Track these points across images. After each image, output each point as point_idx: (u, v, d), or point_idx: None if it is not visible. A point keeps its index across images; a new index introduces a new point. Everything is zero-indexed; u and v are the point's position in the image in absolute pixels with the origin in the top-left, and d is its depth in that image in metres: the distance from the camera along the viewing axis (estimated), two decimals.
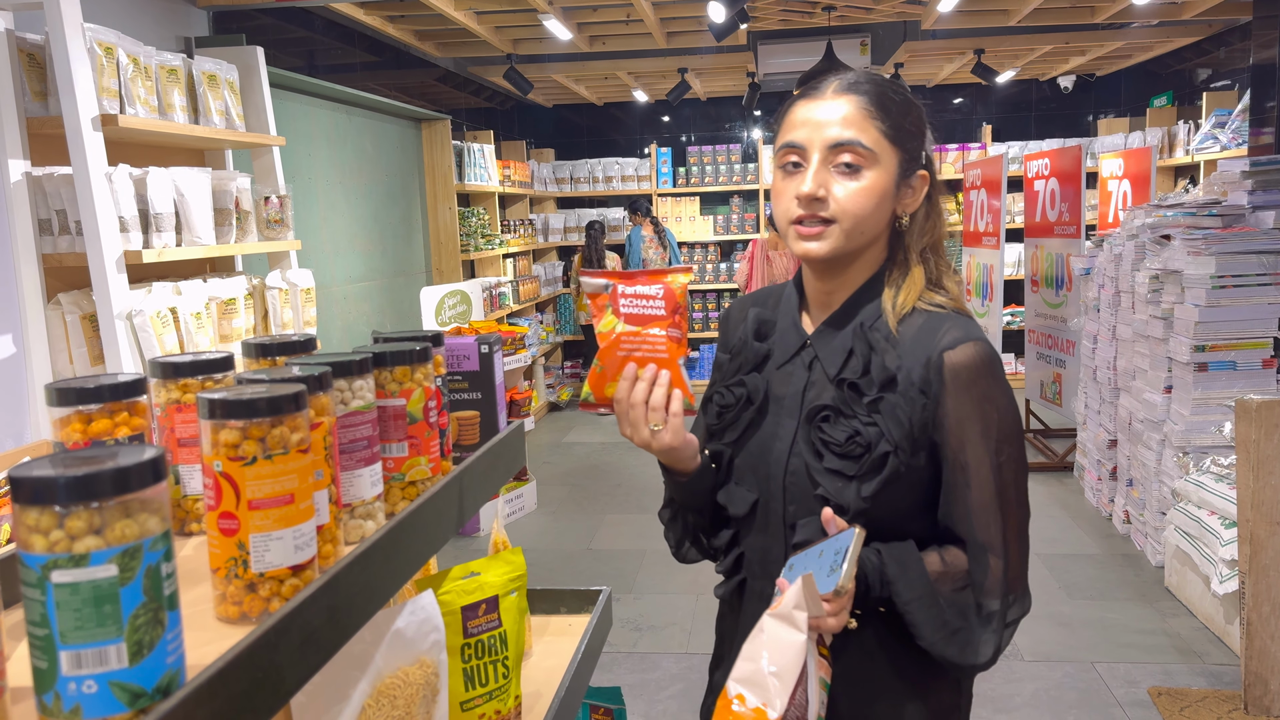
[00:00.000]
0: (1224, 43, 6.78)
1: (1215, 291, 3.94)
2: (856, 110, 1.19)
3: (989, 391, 1.18)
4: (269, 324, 3.58)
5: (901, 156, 1.22)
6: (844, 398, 1.20)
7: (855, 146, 1.18)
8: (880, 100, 1.20)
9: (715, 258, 8.94)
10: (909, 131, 1.23)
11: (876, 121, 1.19)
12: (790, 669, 1.05)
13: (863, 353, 1.21)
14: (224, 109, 3.48)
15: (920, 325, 1.22)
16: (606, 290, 1.22)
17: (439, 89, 6.97)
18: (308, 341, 1.22)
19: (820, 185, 1.19)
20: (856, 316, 1.25)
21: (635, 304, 1.20)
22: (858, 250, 1.24)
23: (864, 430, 1.18)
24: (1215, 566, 3.46)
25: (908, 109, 1.23)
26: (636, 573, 4.52)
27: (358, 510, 1.08)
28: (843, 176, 1.19)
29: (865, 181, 1.19)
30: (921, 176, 1.25)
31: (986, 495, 1.17)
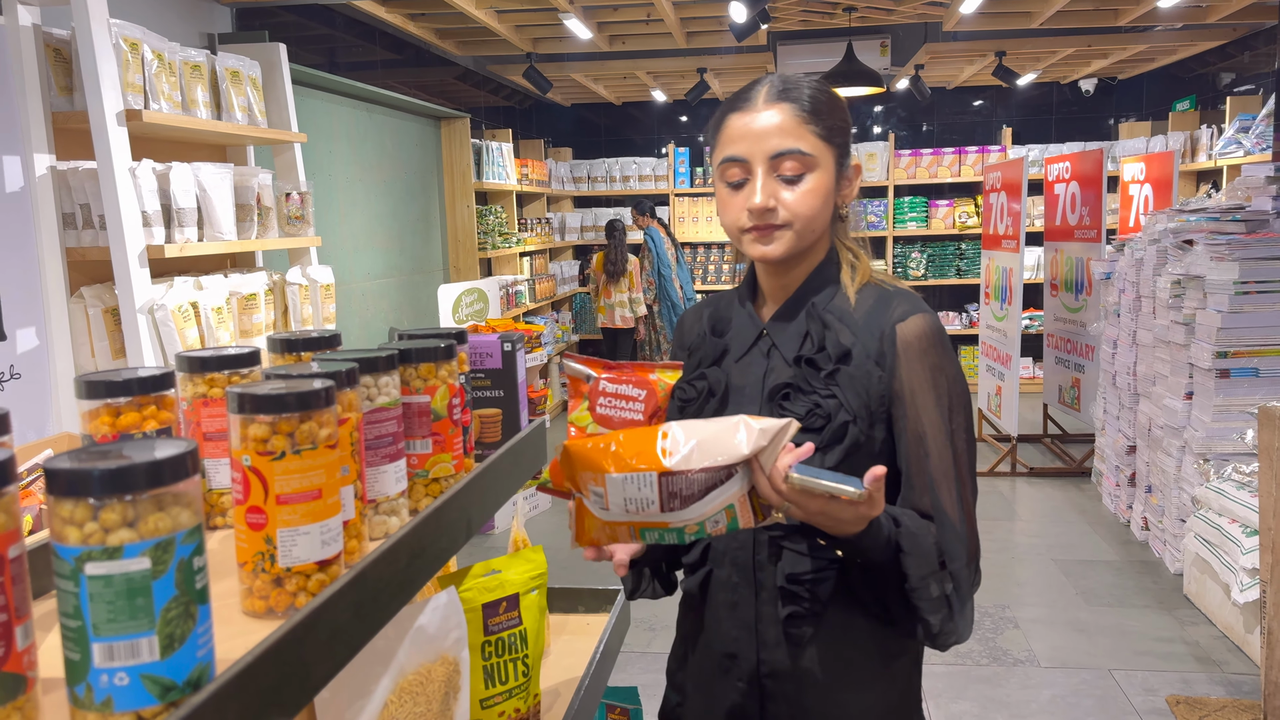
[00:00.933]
0: (1248, 46, 6.72)
1: (1238, 297, 3.91)
2: (791, 118, 1.24)
3: (939, 361, 1.23)
4: (289, 320, 3.59)
5: (836, 153, 1.28)
6: (803, 374, 1.24)
7: (796, 154, 1.23)
8: (812, 104, 1.25)
9: (731, 258, 8.92)
10: (839, 128, 1.28)
11: (811, 126, 1.24)
12: (713, 454, 1.02)
13: (817, 332, 1.26)
14: (246, 105, 3.50)
15: (872, 302, 1.28)
16: (588, 381, 1.21)
17: (458, 87, 6.99)
18: (332, 337, 1.23)
19: (769, 196, 1.24)
20: (808, 301, 1.29)
21: (613, 405, 1.19)
22: (811, 244, 1.30)
23: (824, 403, 1.21)
24: (1236, 575, 3.43)
25: (835, 107, 1.28)
26: None
27: (382, 506, 1.08)
28: (788, 184, 1.24)
29: (809, 185, 1.24)
30: (855, 167, 1.33)
31: (945, 463, 1.21)
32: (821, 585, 1.23)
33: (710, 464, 1.01)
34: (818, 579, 1.23)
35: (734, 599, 1.29)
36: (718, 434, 1.03)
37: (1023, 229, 5.96)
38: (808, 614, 1.23)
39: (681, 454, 1.02)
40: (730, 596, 1.29)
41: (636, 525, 1.08)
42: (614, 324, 7.50)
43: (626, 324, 7.56)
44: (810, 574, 1.23)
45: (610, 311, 7.48)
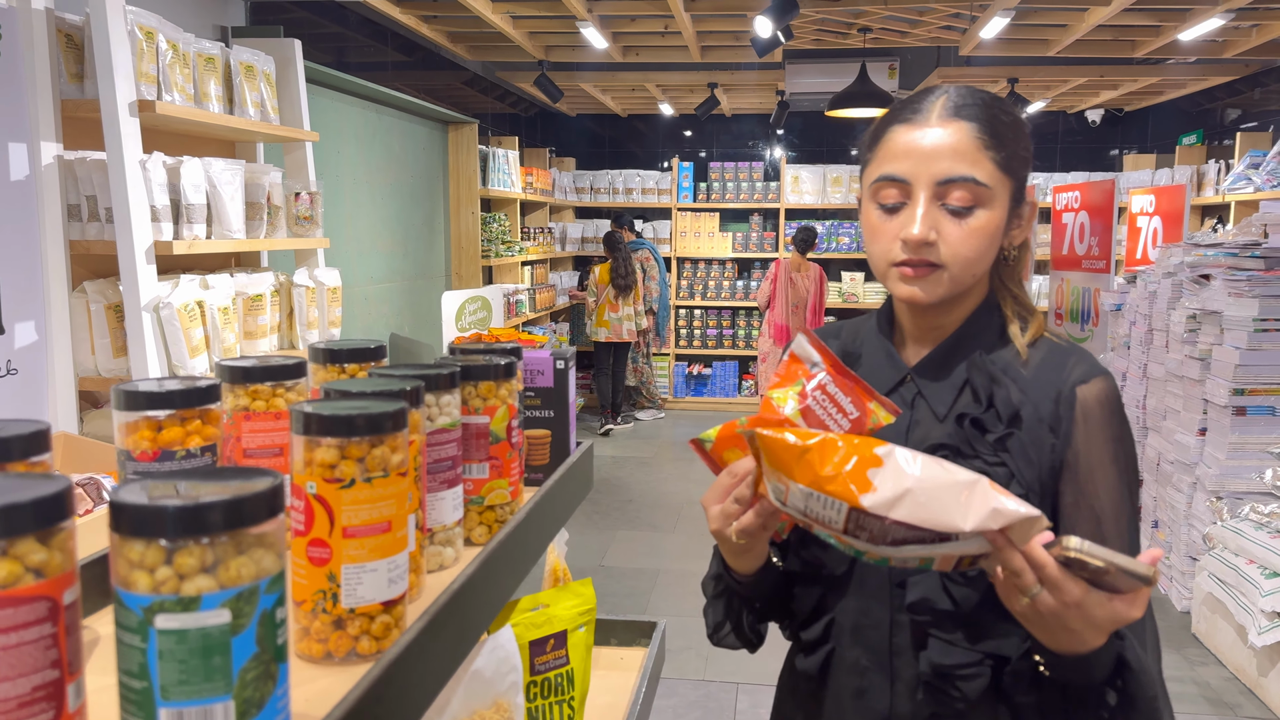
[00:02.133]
0: (1259, 83, 6.72)
1: (1257, 334, 3.86)
2: (969, 140, 1.06)
3: (1121, 432, 1.08)
4: (294, 322, 3.50)
5: (1014, 187, 1.10)
6: (964, 435, 1.06)
7: (969, 183, 1.05)
8: (993, 126, 1.07)
9: (732, 275, 8.86)
10: (1021, 158, 1.10)
11: (990, 151, 1.06)
12: (923, 514, 0.83)
13: (983, 386, 1.08)
14: (259, 101, 3.41)
15: (1043, 358, 1.11)
16: (811, 369, 1.02)
17: (465, 92, 6.91)
18: (378, 349, 1.14)
19: (931, 228, 1.06)
20: (967, 348, 1.12)
21: (823, 407, 1.01)
22: (969, 289, 1.13)
23: (991, 471, 1.02)
24: (1254, 617, 3.36)
25: (1019, 132, 1.10)
26: (650, 592, 4.42)
27: (438, 536, 1.00)
28: (954, 217, 1.06)
29: (978, 221, 1.06)
30: (1031, 205, 1.14)
31: (1125, 547, 1.04)
32: (973, 682, 1.04)
33: (916, 522, 0.84)
34: (970, 675, 1.04)
35: (862, 685, 1.11)
36: (940, 490, 0.83)
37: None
38: (952, 715, 1.06)
39: (886, 497, 0.83)
40: (858, 683, 1.12)
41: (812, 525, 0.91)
42: (620, 338, 7.44)
43: (632, 338, 7.50)
44: (963, 668, 1.04)
45: (617, 325, 7.41)
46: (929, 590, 1.07)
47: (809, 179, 8.64)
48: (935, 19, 5.63)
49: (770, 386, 1.03)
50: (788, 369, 1.03)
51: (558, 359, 1.31)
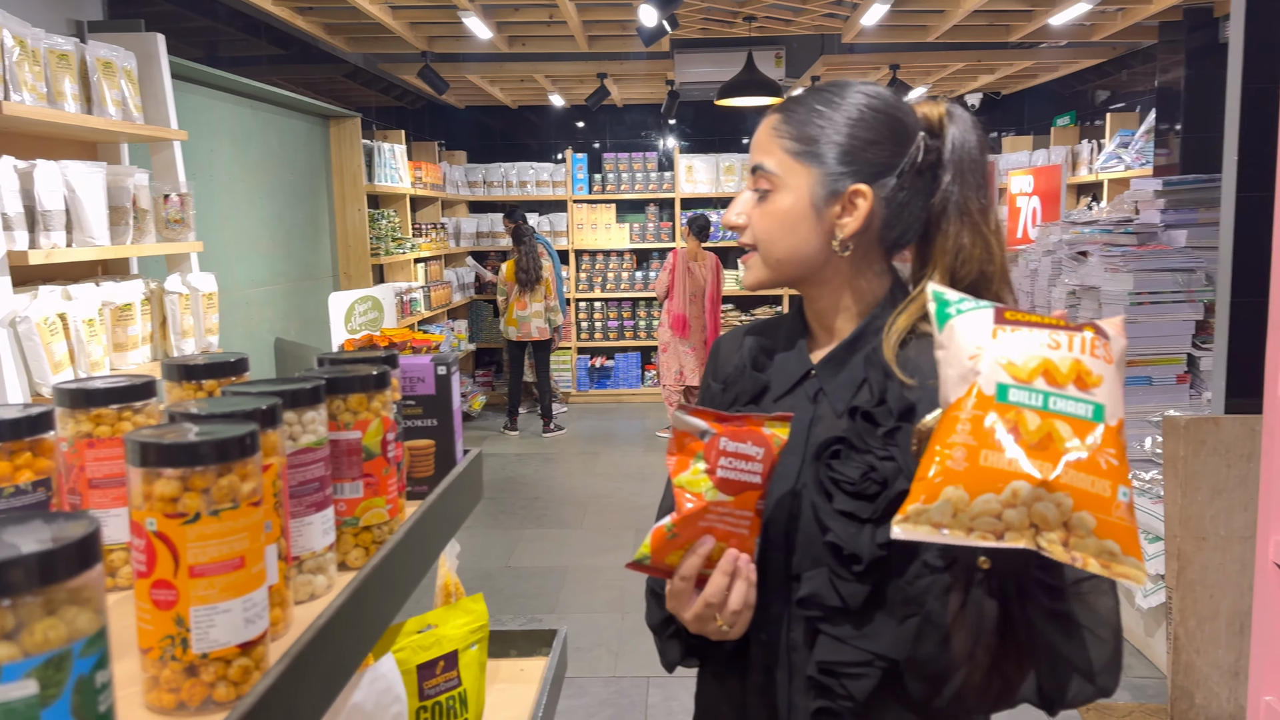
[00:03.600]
0: (1126, 65, 7.00)
1: (1133, 308, 4.01)
2: (767, 130, 1.13)
3: None
4: (167, 332, 3.32)
5: (819, 174, 1.09)
6: (856, 429, 1.06)
7: (760, 170, 1.13)
8: (793, 115, 1.11)
9: (630, 265, 8.84)
10: (835, 144, 1.09)
11: (783, 140, 1.11)
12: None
13: (877, 380, 1.08)
14: (120, 99, 3.22)
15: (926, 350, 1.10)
16: (702, 438, 1.01)
17: (347, 86, 6.70)
18: (239, 362, 1.06)
19: (742, 210, 1.15)
20: (867, 344, 1.12)
21: (734, 467, 1.00)
22: (804, 279, 1.15)
23: (879, 465, 1.03)
24: None
25: (836, 122, 1.09)
26: (559, 591, 4.37)
27: (306, 564, 0.93)
28: (758, 202, 1.13)
29: (772, 205, 1.12)
30: (855, 192, 1.09)
31: None
32: (859, 682, 1.03)
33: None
34: (857, 674, 1.04)
35: (764, 681, 1.11)
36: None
37: None
38: (841, 712, 1.05)
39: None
40: (761, 679, 1.12)
41: None
42: (530, 336, 7.28)
43: (543, 335, 7.33)
44: (848, 666, 1.04)
45: (525, 324, 7.26)
46: (818, 586, 1.05)
47: (703, 168, 8.67)
48: (818, 7, 5.70)
49: (673, 471, 1.02)
50: (680, 446, 1.02)
51: (439, 364, 1.24)
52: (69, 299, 2.87)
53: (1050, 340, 0.84)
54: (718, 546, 1.01)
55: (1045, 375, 0.83)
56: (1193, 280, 4.01)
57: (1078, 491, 0.79)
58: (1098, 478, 0.79)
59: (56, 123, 2.88)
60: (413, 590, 1.04)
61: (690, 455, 1.01)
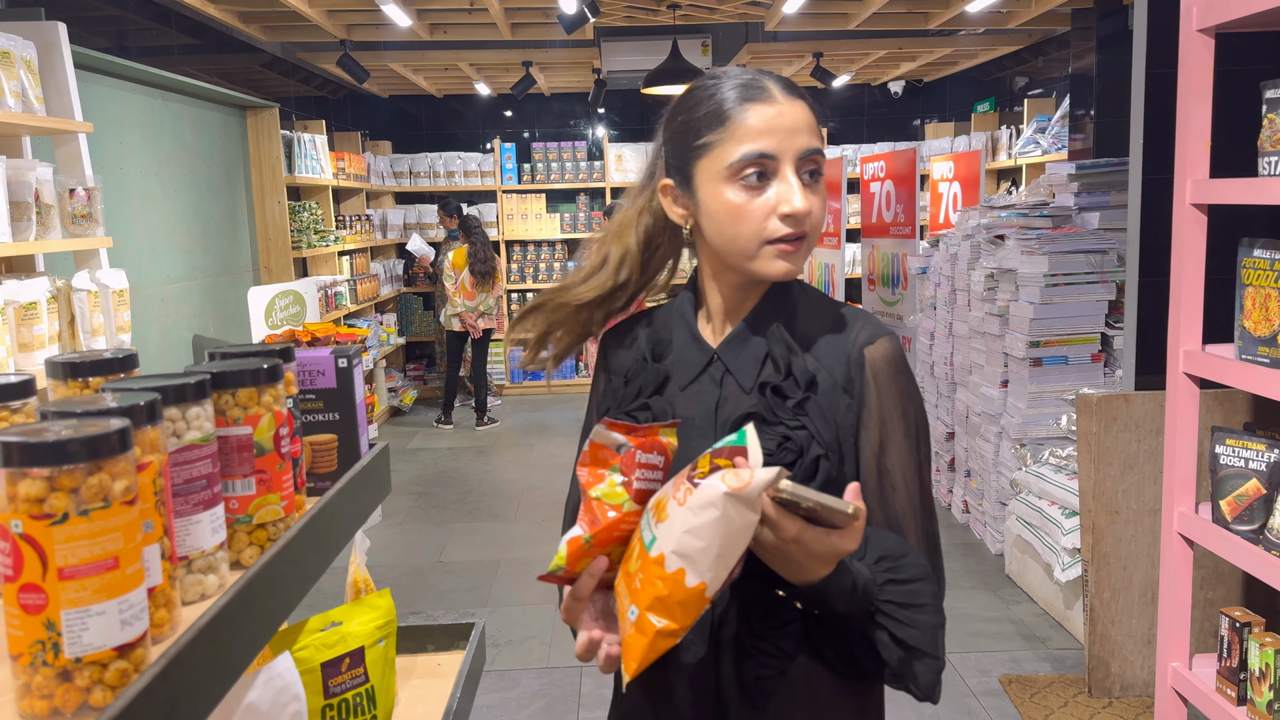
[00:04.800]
0: (1042, 52, 7.16)
1: (1048, 289, 4.11)
2: (812, 116, 1.11)
3: (908, 387, 1.13)
4: (76, 331, 3.22)
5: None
6: (767, 403, 1.09)
7: (819, 155, 1.10)
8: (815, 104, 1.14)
9: (562, 256, 8.80)
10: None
11: (820, 127, 1.14)
12: (735, 551, 0.91)
13: (781, 356, 1.11)
14: (20, 90, 3.10)
15: (830, 323, 1.16)
16: (619, 451, 1.02)
17: (265, 75, 6.55)
18: (128, 358, 1.03)
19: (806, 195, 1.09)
20: (766, 322, 1.15)
21: (645, 477, 1.01)
22: None
23: (794, 435, 1.07)
24: (1057, 555, 3.60)
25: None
26: (491, 584, 4.34)
27: (196, 563, 0.91)
28: (811, 188, 1.09)
29: (823, 189, 1.11)
30: None
31: (913, 499, 1.11)
32: (787, 640, 1.08)
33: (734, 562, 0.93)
34: (783, 632, 1.08)
35: (690, 659, 1.12)
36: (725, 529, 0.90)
37: (844, 226, 6.12)
38: (775, 674, 1.08)
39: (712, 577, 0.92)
40: (686, 657, 1.12)
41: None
42: (475, 328, 7.19)
43: (489, 326, 7.24)
44: (776, 626, 1.08)
45: (470, 315, 7.16)
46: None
47: (632, 157, 8.66)
48: None
49: (587, 484, 1.02)
50: (593, 459, 1.02)
51: (339, 357, 1.22)
52: None
53: (675, 483, 0.95)
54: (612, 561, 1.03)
55: (655, 506, 0.96)
56: (1105, 261, 4.12)
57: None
58: (620, 597, 0.98)
59: None
60: (309, 587, 1.02)
61: (605, 467, 1.02)
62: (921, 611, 1.03)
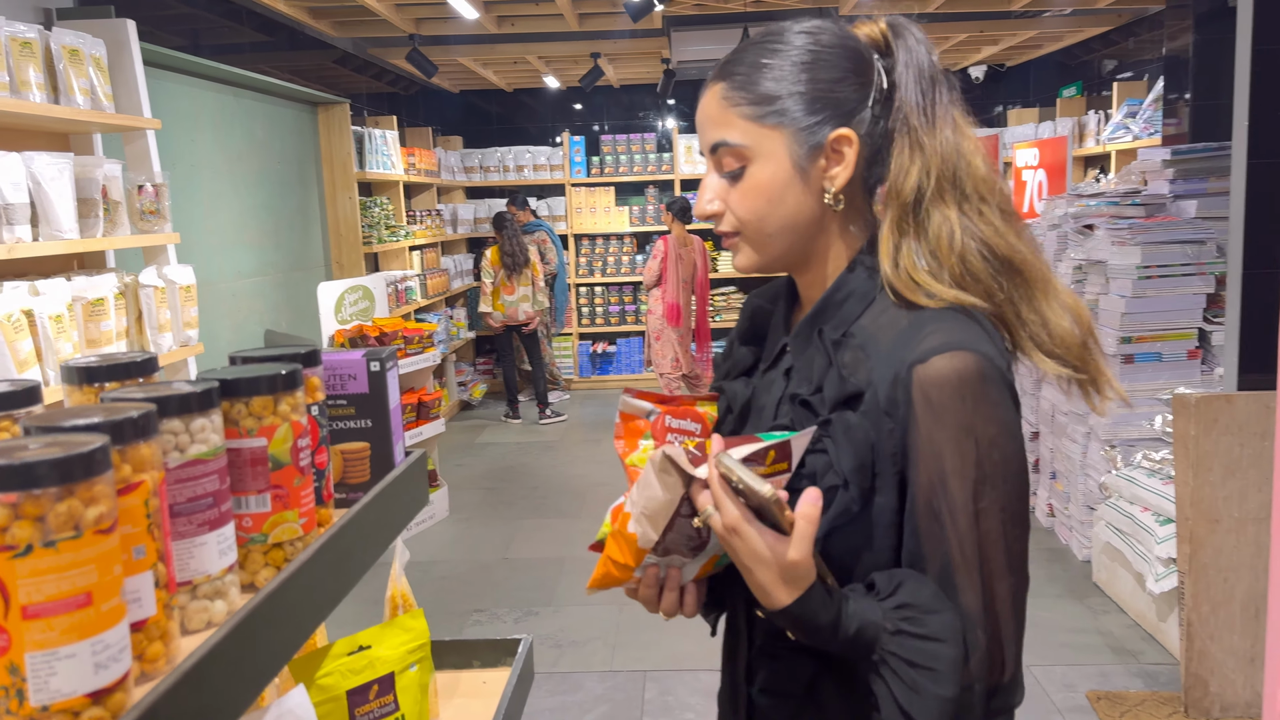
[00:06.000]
0: (1132, 33, 6.83)
1: (1141, 282, 3.89)
2: (716, 102, 1.00)
3: (970, 420, 0.89)
4: (143, 327, 3.23)
5: (792, 131, 0.98)
6: (796, 416, 0.98)
7: (724, 148, 0.99)
8: (739, 78, 0.99)
9: (631, 249, 8.72)
10: (799, 94, 0.97)
11: (740, 107, 0.98)
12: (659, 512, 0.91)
13: (820, 365, 0.98)
14: (89, 88, 3.12)
15: (903, 326, 0.95)
16: (648, 418, 1.02)
17: (337, 71, 6.59)
18: (146, 362, 0.96)
19: (713, 196, 1.02)
20: (829, 317, 1.00)
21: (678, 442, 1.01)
22: (797, 249, 1.03)
23: (808, 460, 0.94)
24: (1150, 564, 3.39)
25: (785, 69, 0.98)
26: (556, 583, 4.28)
27: (201, 589, 0.83)
28: (731, 181, 1.01)
29: (750, 181, 0.99)
30: (839, 139, 0.98)
31: (970, 551, 0.90)
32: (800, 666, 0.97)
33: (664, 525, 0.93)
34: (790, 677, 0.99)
35: (733, 643, 1.10)
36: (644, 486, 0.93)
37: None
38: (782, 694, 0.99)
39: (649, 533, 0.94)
40: (731, 641, 1.11)
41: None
42: (516, 320, 7.18)
43: (530, 320, 7.22)
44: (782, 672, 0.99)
45: (513, 309, 7.15)
46: None
47: None
48: None
49: (622, 453, 1.04)
50: (627, 430, 1.04)
51: (371, 360, 1.14)
52: (37, 295, 2.78)
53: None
54: None
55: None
56: (1203, 252, 3.88)
57: None
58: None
59: (19, 113, 2.79)
60: (327, 612, 0.94)
61: (638, 436, 1.03)
62: (927, 676, 0.86)
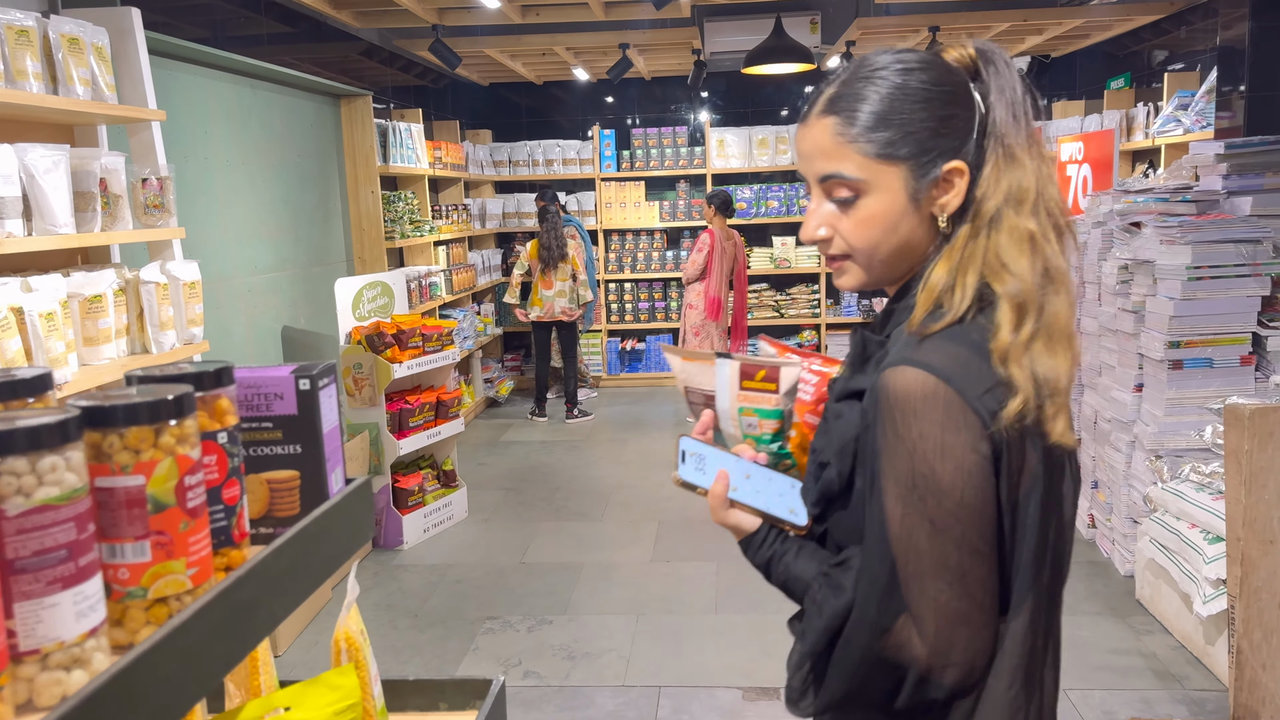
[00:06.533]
0: (1185, 22, 6.54)
1: (1191, 283, 3.66)
2: (829, 136, 1.06)
3: (904, 431, 0.98)
4: (144, 324, 3.14)
5: (909, 167, 1.05)
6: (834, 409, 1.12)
7: (839, 180, 1.06)
8: (855, 113, 1.05)
9: (661, 245, 8.56)
10: (911, 133, 1.04)
11: (857, 144, 1.05)
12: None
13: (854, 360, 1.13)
14: (89, 77, 3.03)
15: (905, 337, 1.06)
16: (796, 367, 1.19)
17: (363, 64, 6.50)
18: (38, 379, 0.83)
19: (821, 223, 1.10)
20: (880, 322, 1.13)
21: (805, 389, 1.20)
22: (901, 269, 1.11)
23: (818, 440, 1.11)
24: (1198, 585, 3.18)
25: (903, 108, 1.04)
26: (572, 589, 4.15)
27: (54, 658, 0.70)
28: (842, 210, 1.08)
29: (865, 211, 1.06)
30: (953, 170, 1.05)
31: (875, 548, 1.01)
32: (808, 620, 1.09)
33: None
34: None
35: None
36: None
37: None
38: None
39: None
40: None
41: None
42: (554, 316, 7.04)
43: (568, 316, 7.07)
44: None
45: (549, 304, 7.02)
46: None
47: (734, 142, 8.35)
48: None
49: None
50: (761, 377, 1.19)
51: (301, 377, 1.00)
52: (29, 291, 2.69)
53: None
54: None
55: None
56: (1258, 252, 3.64)
57: None
58: None
59: (15, 104, 2.70)
60: (229, 667, 0.81)
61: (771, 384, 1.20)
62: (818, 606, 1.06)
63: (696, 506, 4.82)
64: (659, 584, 4.17)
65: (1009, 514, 0.98)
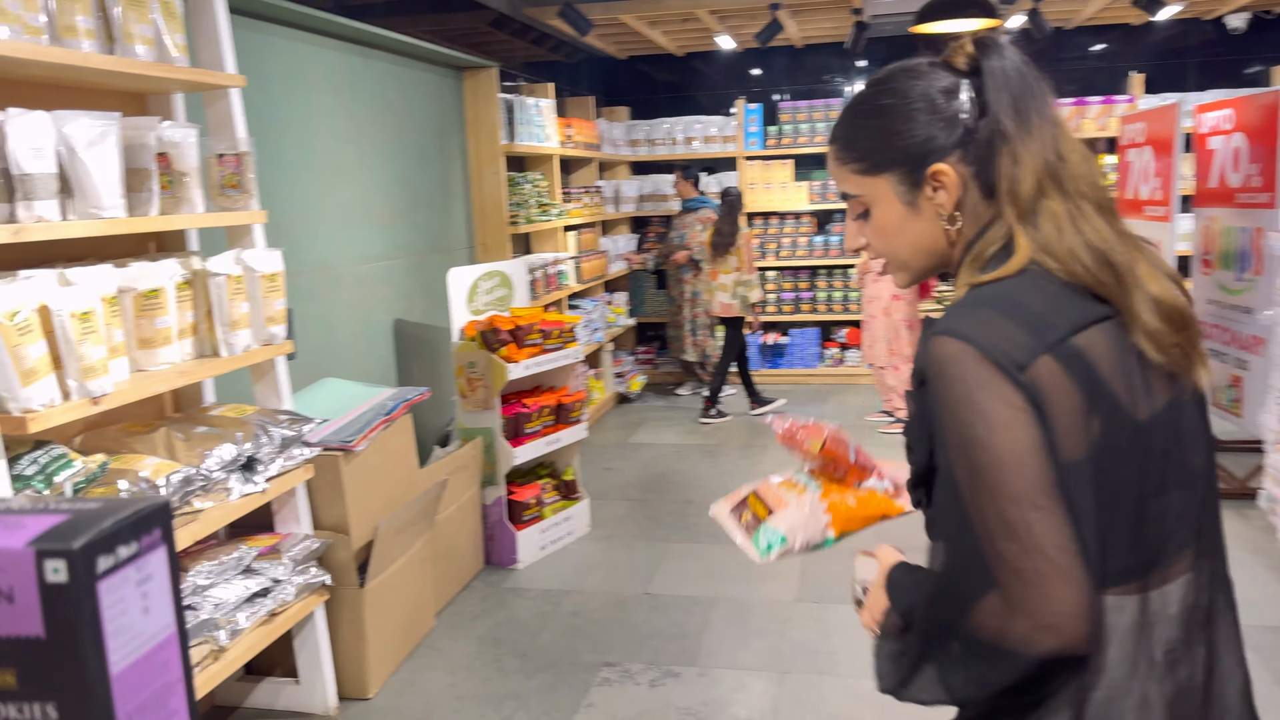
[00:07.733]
0: None
1: None
2: (833, 162, 1.19)
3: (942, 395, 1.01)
4: (213, 323, 2.71)
5: (893, 177, 1.13)
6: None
7: (850, 197, 1.18)
8: (842, 140, 1.17)
9: (810, 229, 7.84)
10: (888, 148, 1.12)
11: (849, 165, 1.16)
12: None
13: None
14: (153, 36, 2.60)
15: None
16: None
17: (492, 36, 6.03)
18: None
19: (855, 235, 1.21)
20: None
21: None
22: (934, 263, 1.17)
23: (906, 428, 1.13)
24: None
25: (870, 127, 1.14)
26: (702, 633, 3.56)
27: None
28: (864, 222, 1.18)
29: (877, 221, 1.16)
30: (935, 173, 1.10)
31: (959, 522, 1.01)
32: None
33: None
34: None
35: None
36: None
37: (1175, 192, 4.80)
38: None
39: None
40: None
41: None
42: (711, 311, 6.48)
43: (727, 311, 6.45)
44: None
45: (710, 296, 6.46)
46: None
47: None
48: None
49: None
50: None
51: (48, 557, 0.44)
52: (67, 284, 2.28)
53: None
54: None
55: None
56: None
57: None
58: None
59: (55, 62, 2.29)
60: None
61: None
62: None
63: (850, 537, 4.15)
64: (805, 632, 3.53)
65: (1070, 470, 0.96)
